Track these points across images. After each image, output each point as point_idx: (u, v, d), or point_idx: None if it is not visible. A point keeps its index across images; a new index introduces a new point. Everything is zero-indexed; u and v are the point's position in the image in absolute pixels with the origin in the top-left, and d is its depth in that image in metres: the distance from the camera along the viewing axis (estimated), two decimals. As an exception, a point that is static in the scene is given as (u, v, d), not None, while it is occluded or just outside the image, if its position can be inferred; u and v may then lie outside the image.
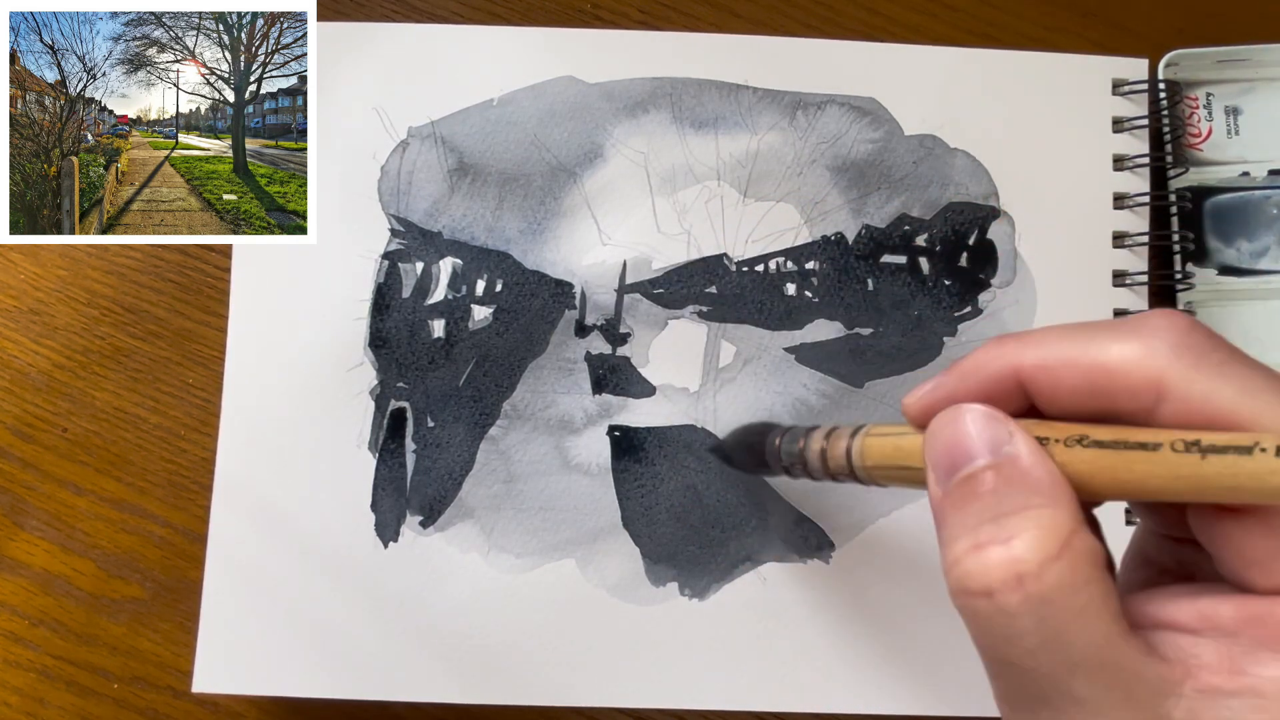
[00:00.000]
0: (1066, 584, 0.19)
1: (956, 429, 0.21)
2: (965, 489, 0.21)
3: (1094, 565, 0.19)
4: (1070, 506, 0.20)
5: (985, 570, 0.19)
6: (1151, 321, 0.21)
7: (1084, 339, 0.21)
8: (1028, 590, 0.19)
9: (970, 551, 0.20)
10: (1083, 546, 0.19)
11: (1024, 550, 0.19)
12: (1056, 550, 0.19)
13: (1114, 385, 0.20)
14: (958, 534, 0.20)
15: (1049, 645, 0.19)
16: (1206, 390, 0.20)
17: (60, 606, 0.37)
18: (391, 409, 0.37)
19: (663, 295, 0.38)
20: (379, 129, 0.38)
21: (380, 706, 0.37)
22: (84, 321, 0.38)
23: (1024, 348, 0.22)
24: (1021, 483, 0.20)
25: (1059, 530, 0.19)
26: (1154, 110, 0.39)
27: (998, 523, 0.20)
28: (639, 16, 0.39)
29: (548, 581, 0.36)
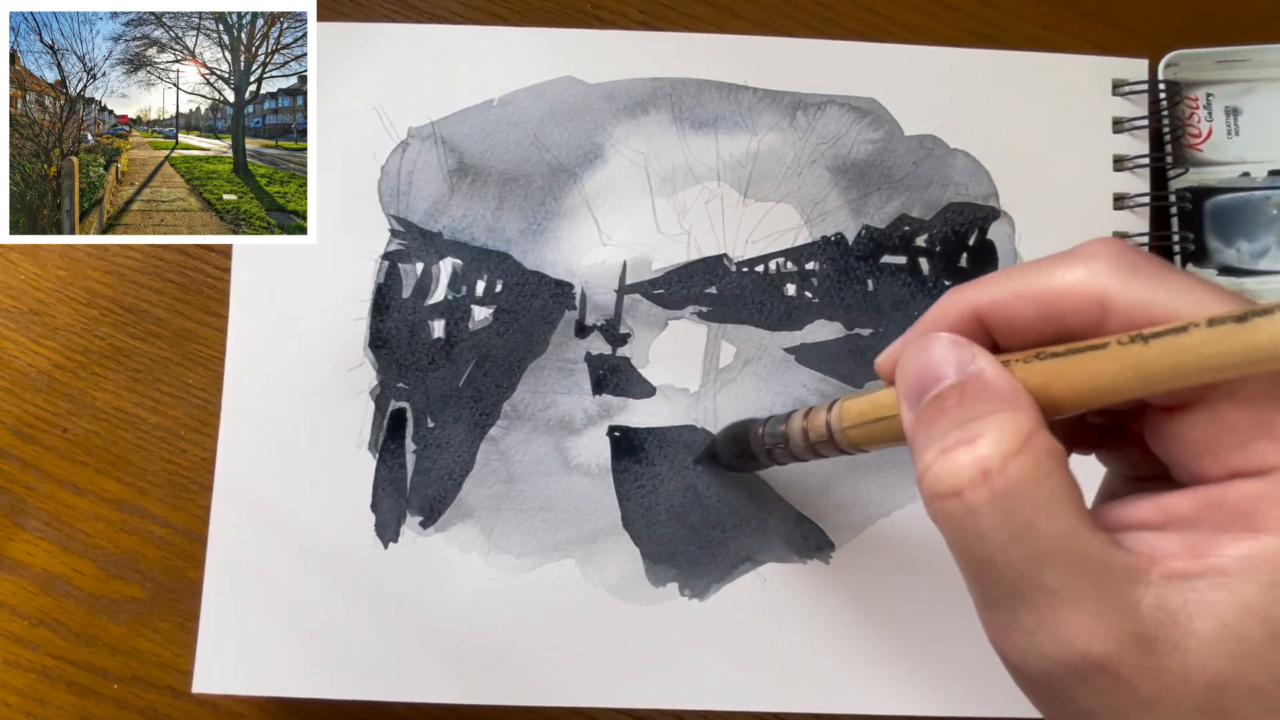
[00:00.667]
0: (1029, 477, 0.20)
1: (925, 356, 0.23)
2: (933, 406, 0.22)
3: (1056, 461, 0.20)
4: (1030, 410, 0.21)
5: (952, 471, 0.20)
6: (1090, 247, 0.22)
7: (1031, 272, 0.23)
8: (993, 485, 0.20)
9: (938, 457, 0.21)
10: (1044, 443, 0.20)
11: (987, 448, 0.20)
12: (1018, 446, 0.20)
13: (1063, 306, 0.22)
14: (927, 445, 0.21)
15: (1017, 537, 0.20)
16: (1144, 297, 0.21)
17: (60, 607, 0.37)
18: (391, 409, 0.37)
19: (663, 296, 0.38)
20: (379, 129, 0.38)
21: (380, 707, 0.37)
22: (84, 321, 0.38)
23: (978, 289, 0.23)
24: (985, 393, 0.21)
25: (1020, 429, 0.20)
26: (1154, 111, 0.39)
27: (963, 428, 0.21)
28: (639, 16, 0.39)
29: (548, 581, 0.36)
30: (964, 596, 0.37)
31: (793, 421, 0.30)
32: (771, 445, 0.31)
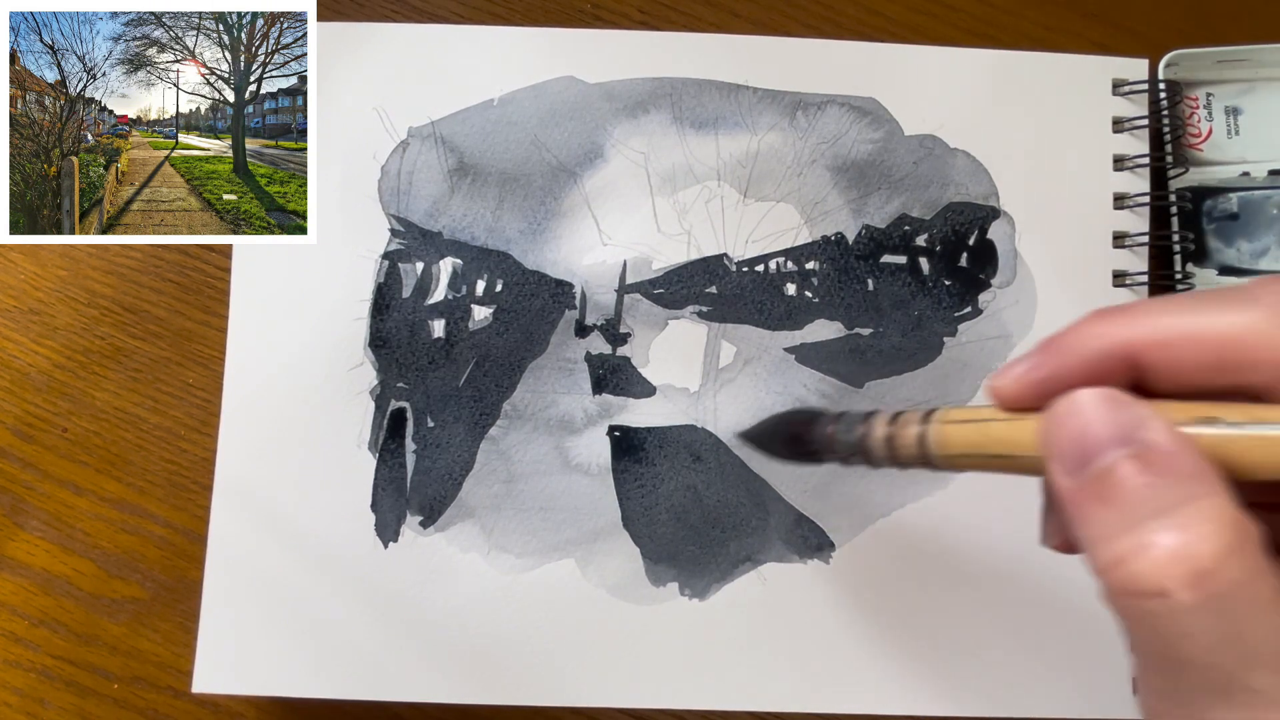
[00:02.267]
0: (1245, 578, 0.18)
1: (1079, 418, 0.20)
2: (1108, 483, 0.19)
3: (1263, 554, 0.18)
4: (1228, 492, 0.19)
5: (1157, 569, 0.18)
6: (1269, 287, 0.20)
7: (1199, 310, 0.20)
8: (1206, 589, 0.18)
9: (1136, 551, 0.19)
10: (1251, 534, 0.18)
11: (1200, 546, 0.18)
12: (1232, 545, 0.18)
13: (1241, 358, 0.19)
14: (1114, 532, 0.19)
15: (1228, 641, 0.18)
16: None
17: (60, 606, 0.37)
18: (391, 409, 0.37)
19: (663, 295, 0.38)
20: (379, 129, 0.38)
21: (380, 707, 0.37)
22: (84, 321, 0.38)
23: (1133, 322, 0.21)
24: (1173, 472, 0.19)
25: (1229, 521, 0.18)
26: (1154, 110, 0.39)
27: (1161, 517, 0.19)
28: (639, 16, 0.39)
29: (548, 581, 0.36)
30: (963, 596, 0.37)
31: (874, 428, 0.26)
32: (847, 454, 0.28)
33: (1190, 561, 0.18)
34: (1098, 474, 0.19)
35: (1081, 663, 0.36)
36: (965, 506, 0.37)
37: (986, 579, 0.37)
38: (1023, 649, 0.36)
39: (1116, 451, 0.19)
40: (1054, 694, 0.36)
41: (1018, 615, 0.36)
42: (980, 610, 0.36)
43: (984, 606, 0.36)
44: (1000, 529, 0.37)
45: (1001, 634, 0.36)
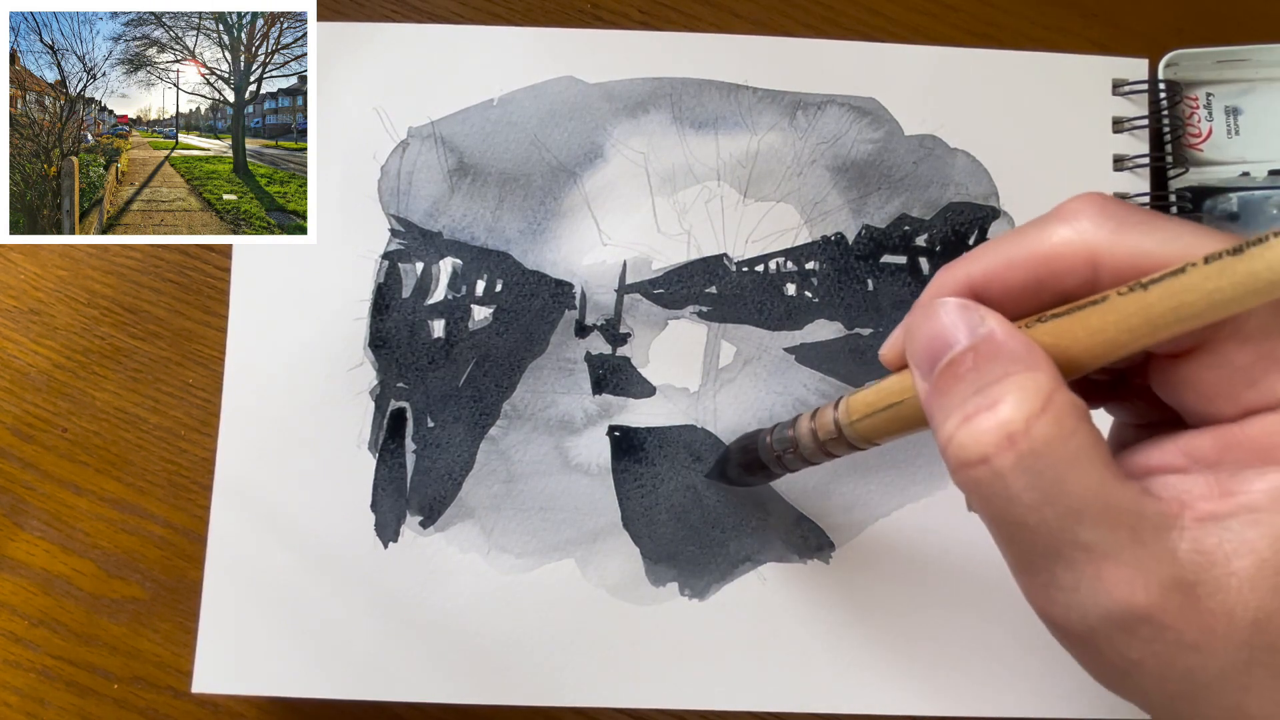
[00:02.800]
0: (1054, 436, 0.20)
1: (934, 323, 0.22)
2: (948, 374, 0.21)
3: (1078, 416, 0.20)
4: (1048, 369, 0.20)
5: (976, 438, 0.20)
6: (1071, 205, 0.22)
7: (1018, 239, 0.23)
8: (1019, 448, 0.20)
9: (961, 425, 0.21)
10: (1064, 400, 0.20)
11: (1009, 411, 0.20)
12: (1040, 406, 0.20)
13: (1055, 269, 0.22)
14: (947, 414, 0.21)
15: (1049, 498, 0.20)
16: (1135, 247, 0.21)
17: (60, 606, 0.37)
18: (391, 409, 0.37)
19: (663, 295, 0.38)
20: (379, 129, 0.38)
21: (380, 707, 0.37)
22: (84, 321, 0.38)
23: (970, 262, 0.23)
24: (1000, 354, 0.21)
25: (1040, 388, 0.20)
26: (1154, 110, 0.39)
27: (982, 393, 0.20)
28: (639, 16, 0.39)
29: (548, 581, 0.36)
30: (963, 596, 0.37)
31: (800, 424, 0.29)
32: (781, 451, 0.31)
33: (1002, 427, 0.20)
34: (941, 369, 0.22)
35: (1081, 663, 0.36)
36: (965, 507, 0.37)
37: (986, 578, 0.37)
38: (1023, 649, 0.36)
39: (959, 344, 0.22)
40: (1054, 694, 0.36)
41: (1018, 615, 0.36)
42: (980, 610, 0.36)
43: (984, 606, 0.36)
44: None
45: (1001, 634, 0.36)
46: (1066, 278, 0.22)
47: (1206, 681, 0.20)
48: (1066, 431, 0.20)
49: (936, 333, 0.22)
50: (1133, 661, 0.20)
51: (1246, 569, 0.19)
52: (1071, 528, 0.20)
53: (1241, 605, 0.19)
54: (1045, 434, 0.20)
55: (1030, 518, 0.20)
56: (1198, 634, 0.20)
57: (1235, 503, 0.20)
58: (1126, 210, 0.22)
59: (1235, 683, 0.20)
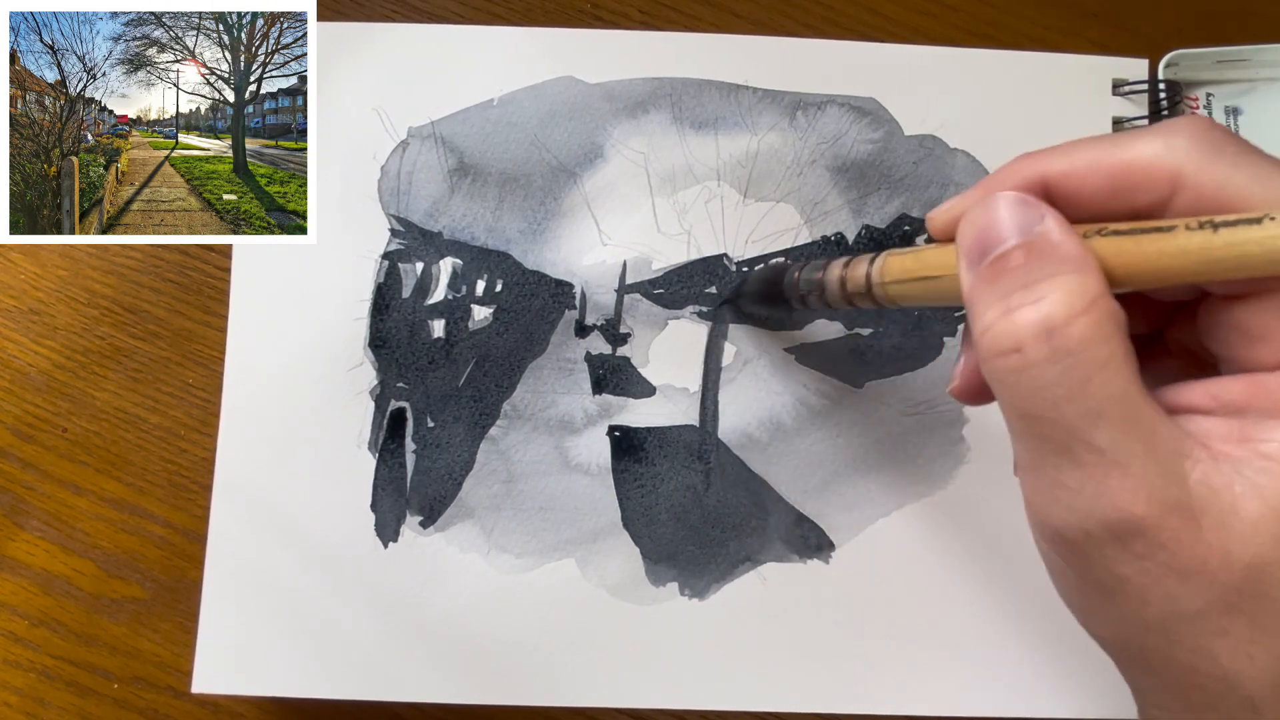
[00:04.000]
0: (1091, 337, 0.20)
1: (989, 215, 0.22)
2: (996, 266, 0.21)
3: (1117, 324, 0.20)
4: (1097, 274, 0.20)
5: (1014, 329, 0.20)
6: (1174, 123, 0.22)
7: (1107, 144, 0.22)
8: (1054, 343, 0.20)
9: (1001, 316, 0.21)
10: (1107, 307, 0.20)
11: (1051, 307, 0.20)
12: (1083, 307, 0.20)
13: (1135, 181, 0.21)
14: (988, 305, 0.21)
15: (1073, 394, 0.20)
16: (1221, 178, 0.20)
17: (60, 606, 0.37)
18: (391, 409, 0.37)
19: (663, 295, 0.38)
20: (379, 129, 0.38)
21: (380, 707, 0.37)
22: (84, 321, 0.38)
23: (1051, 156, 0.22)
24: (1052, 254, 0.21)
25: (1086, 291, 0.20)
26: (1154, 110, 0.39)
27: (1028, 289, 0.20)
28: (639, 16, 0.39)
29: (548, 581, 0.36)
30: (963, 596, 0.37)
31: (830, 270, 0.29)
32: (806, 291, 0.30)
33: (1043, 321, 0.20)
34: (991, 260, 0.21)
35: (1081, 663, 0.36)
36: (965, 506, 0.37)
37: (986, 579, 0.37)
38: (1023, 649, 0.36)
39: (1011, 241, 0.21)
40: (1054, 694, 0.36)
41: (1018, 615, 0.36)
42: (980, 610, 0.36)
43: (984, 606, 0.36)
44: (1000, 529, 0.37)
45: (1001, 634, 0.36)
46: (1143, 192, 0.21)
47: (1187, 614, 0.20)
48: (1103, 336, 0.20)
49: (990, 224, 0.22)
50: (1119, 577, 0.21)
51: (1252, 513, 0.19)
52: (1089, 428, 0.20)
53: (1240, 547, 0.19)
54: (1082, 333, 0.20)
55: (1051, 412, 0.20)
56: (1190, 561, 0.20)
57: (1253, 449, 0.20)
58: (1228, 140, 0.21)
59: (1214, 624, 0.20)
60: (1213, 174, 0.21)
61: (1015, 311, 0.20)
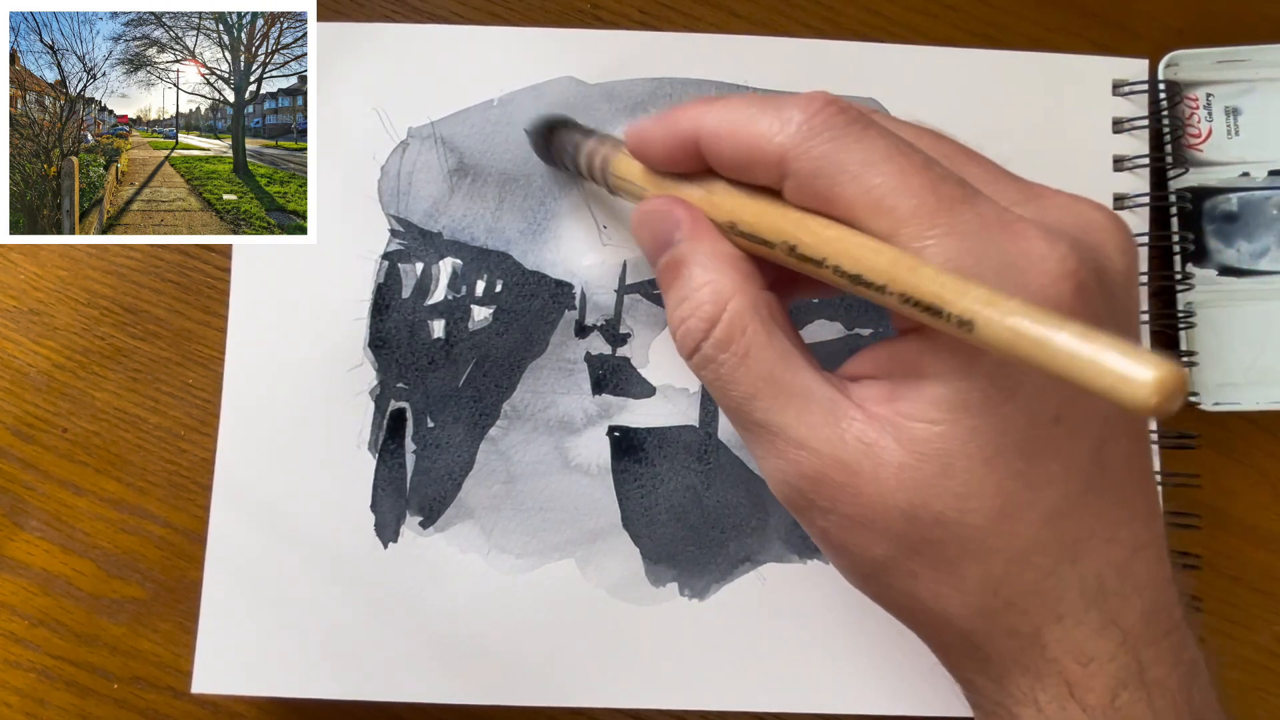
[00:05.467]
0: (724, 337, 0.23)
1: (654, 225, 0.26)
2: (666, 274, 0.25)
3: (752, 315, 0.23)
4: (730, 273, 0.24)
5: (681, 343, 0.24)
6: (800, 98, 0.23)
7: (746, 108, 0.24)
8: (703, 352, 0.24)
9: (674, 329, 0.25)
10: (739, 305, 0.23)
11: (696, 321, 0.24)
12: (714, 313, 0.23)
13: (753, 157, 0.23)
14: (670, 309, 0.25)
15: (732, 381, 0.23)
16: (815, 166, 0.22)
17: (60, 606, 0.37)
18: (391, 409, 0.37)
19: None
20: (379, 129, 0.38)
21: (380, 707, 0.37)
22: (84, 321, 0.38)
23: (706, 113, 0.24)
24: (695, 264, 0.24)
25: (719, 295, 0.23)
26: (1154, 111, 0.39)
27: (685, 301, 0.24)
28: (639, 16, 0.39)
29: (548, 582, 0.36)
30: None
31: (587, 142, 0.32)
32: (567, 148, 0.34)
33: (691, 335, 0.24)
34: (660, 269, 0.25)
35: (1081, 663, 0.36)
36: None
37: (986, 579, 0.36)
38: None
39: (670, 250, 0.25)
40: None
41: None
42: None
43: (984, 607, 0.36)
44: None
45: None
46: (761, 170, 0.23)
47: (879, 561, 0.23)
48: (735, 332, 0.23)
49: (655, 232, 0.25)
50: (822, 531, 0.23)
51: (895, 462, 0.21)
52: (748, 407, 0.23)
53: (892, 496, 0.21)
54: (719, 336, 0.23)
55: (724, 399, 0.24)
56: (860, 511, 0.22)
57: (894, 408, 0.22)
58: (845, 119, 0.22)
59: (904, 567, 0.22)
60: (812, 160, 0.22)
61: (681, 324, 0.24)
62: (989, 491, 0.21)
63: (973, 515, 0.21)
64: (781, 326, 0.24)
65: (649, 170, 0.27)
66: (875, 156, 0.22)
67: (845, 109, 0.22)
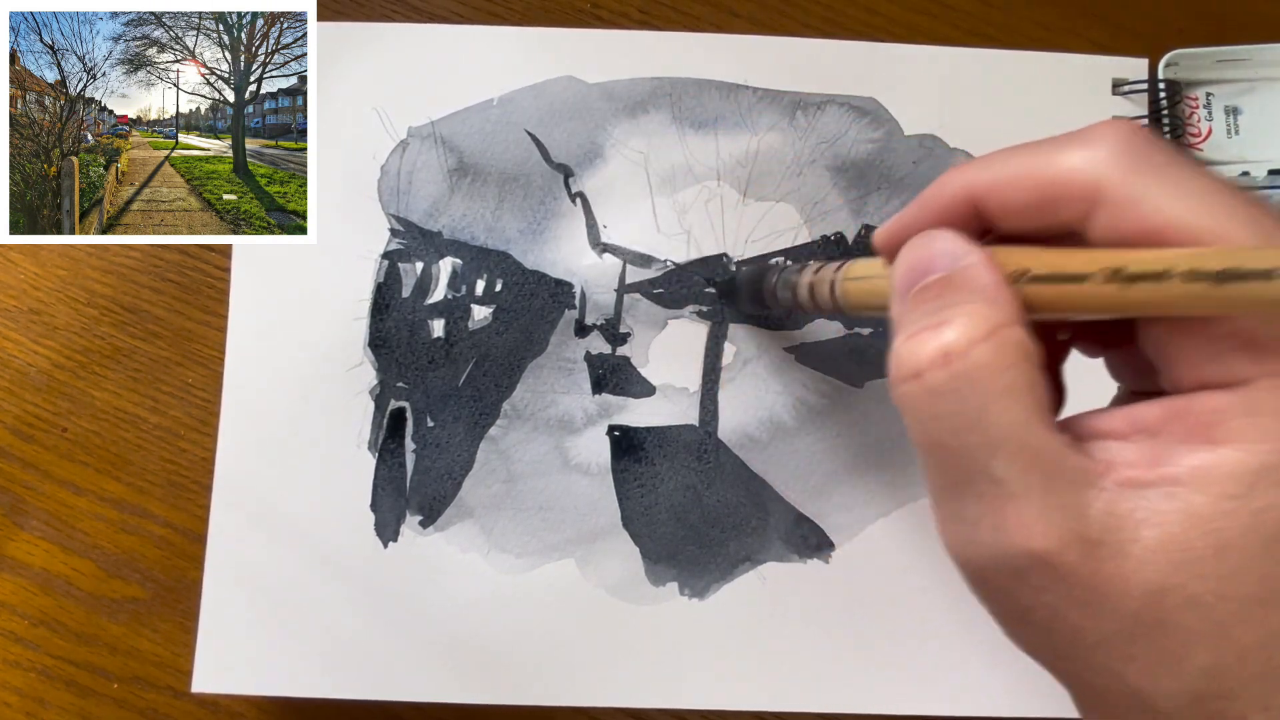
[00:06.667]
0: (990, 364, 0.20)
1: (920, 251, 0.22)
2: (918, 297, 0.22)
3: (1021, 355, 0.20)
4: (1007, 305, 0.20)
5: (915, 354, 0.20)
6: (1097, 129, 0.21)
7: (1032, 154, 0.22)
8: (953, 368, 0.20)
9: (906, 341, 0.21)
10: (1013, 337, 0.20)
11: (953, 334, 0.20)
12: (984, 334, 0.20)
13: (1057, 195, 0.21)
14: (902, 329, 0.21)
15: (971, 423, 0.20)
16: (1137, 194, 0.20)
17: (60, 606, 0.37)
18: (391, 409, 0.37)
19: (662, 295, 0.38)
20: (379, 129, 0.38)
21: (381, 707, 0.37)
22: (84, 321, 0.38)
23: (979, 169, 0.22)
24: (966, 285, 0.21)
25: (990, 319, 0.20)
26: (1154, 110, 0.39)
27: (935, 315, 0.21)
28: (639, 16, 0.39)
29: (548, 581, 0.36)
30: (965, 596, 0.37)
31: (803, 274, 0.30)
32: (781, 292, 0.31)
33: (942, 346, 0.20)
34: (915, 291, 0.22)
35: (1081, 663, 0.36)
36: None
37: (986, 579, 0.36)
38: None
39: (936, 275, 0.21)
40: (1053, 694, 0.36)
41: (1018, 615, 0.36)
42: (980, 610, 0.36)
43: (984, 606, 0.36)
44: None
45: (1001, 634, 0.36)
46: (1065, 208, 0.21)
47: (1092, 643, 0.20)
48: (1004, 363, 0.20)
49: (919, 259, 0.22)
50: (1024, 607, 0.21)
51: (1153, 539, 0.19)
52: (986, 458, 0.20)
53: (1139, 574, 0.19)
54: (980, 361, 0.20)
55: (950, 439, 0.20)
56: (1089, 593, 0.19)
57: (1159, 473, 0.19)
58: (1152, 148, 0.20)
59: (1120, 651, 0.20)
60: (1131, 188, 0.20)
61: (918, 336, 0.20)
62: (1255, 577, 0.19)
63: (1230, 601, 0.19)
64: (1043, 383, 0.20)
65: None
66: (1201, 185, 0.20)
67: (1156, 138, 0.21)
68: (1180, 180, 0.20)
